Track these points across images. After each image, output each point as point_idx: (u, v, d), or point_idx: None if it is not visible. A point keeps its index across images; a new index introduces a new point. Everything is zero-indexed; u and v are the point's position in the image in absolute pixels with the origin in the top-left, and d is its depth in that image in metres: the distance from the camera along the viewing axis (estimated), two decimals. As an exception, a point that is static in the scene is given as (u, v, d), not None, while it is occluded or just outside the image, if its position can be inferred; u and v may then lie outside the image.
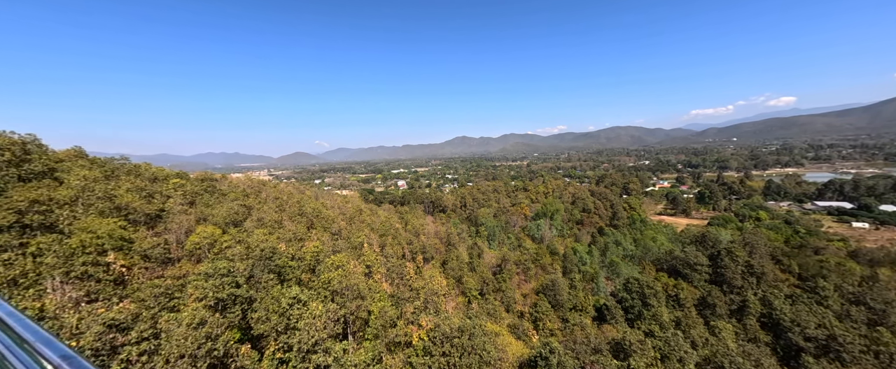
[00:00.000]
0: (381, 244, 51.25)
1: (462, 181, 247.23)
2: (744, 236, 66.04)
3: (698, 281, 54.82)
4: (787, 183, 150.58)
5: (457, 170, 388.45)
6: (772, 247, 65.07)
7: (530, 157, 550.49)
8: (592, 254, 71.77)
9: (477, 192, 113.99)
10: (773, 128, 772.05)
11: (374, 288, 31.48)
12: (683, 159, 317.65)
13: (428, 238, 64.82)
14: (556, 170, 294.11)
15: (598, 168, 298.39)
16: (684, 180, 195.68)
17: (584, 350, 28.35)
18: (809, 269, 54.16)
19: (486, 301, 42.78)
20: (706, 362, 29.23)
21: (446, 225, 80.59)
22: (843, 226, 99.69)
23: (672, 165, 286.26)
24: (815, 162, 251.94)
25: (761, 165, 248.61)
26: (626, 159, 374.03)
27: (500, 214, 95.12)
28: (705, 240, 69.24)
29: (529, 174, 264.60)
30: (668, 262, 64.05)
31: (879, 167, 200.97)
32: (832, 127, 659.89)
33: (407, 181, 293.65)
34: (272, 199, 52.86)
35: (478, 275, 50.94)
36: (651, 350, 27.92)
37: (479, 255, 59.74)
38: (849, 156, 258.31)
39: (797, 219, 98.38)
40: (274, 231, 35.25)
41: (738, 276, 52.01)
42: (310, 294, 23.96)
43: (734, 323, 41.46)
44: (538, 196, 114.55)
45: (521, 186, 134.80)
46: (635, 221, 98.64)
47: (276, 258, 27.37)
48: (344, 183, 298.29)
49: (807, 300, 43.77)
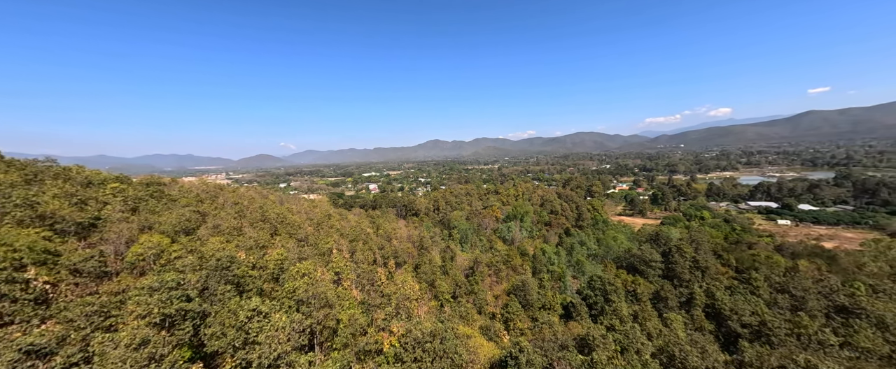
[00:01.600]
0: (351, 250, 49.67)
1: (435, 184, 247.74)
2: (690, 234, 72.60)
3: (653, 276, 59.28)
4: (725, 185, 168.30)
5: (430, 173, 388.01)
6: (714, 244, 72.15)
7: (501, 161, 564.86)
8: (560, 254, 74.94)
9: (450, 196, 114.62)
10: (713, 136, 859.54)
11: (344, 295, 30.39)
12: (639, 163, 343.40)
13: (400, 242, 63.92)
14: (526, 174, 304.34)
15: (565, 171, 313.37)
16: (640, 183, 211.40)
17: (552, 347, 29.43)
18: (744, 263, 60.73)
19: (459, 304, 42.97)
20: (660, 351, 31.61)
21: (419, 228, 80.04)
22: (771, 224, 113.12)
23: (630, 169, 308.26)
24: (747, 166, 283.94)
25: (704, 169, 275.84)
26: (589, 163, 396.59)
27: (472, 217, 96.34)
28: (658, 238, 75.12)
29: (500, 177, 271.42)
30: (626, 260, 68.62)
31: (798, 171, 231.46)
32: (761, 135, 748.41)
33: (379, 185, 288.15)
34: (231, 205, 49.29)
35: (450, 278, 51.05)
36: (612, 343, 29.65)
37: (451, 258, 59.95)
38: (774, 162, 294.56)
39: (734, 218, 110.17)
40: (232, 238, 32.83)
41: (687, 271, 57.01)
42: (272, 304, 22.56)
43: (683, 315, 45.32)
44: (509, 199, 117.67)
45: (493, 189, 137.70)
46: (598, 222, 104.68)
47: (234, 267, 25.47)
48: (312, 187, 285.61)
49: (742, 290, 49.04)
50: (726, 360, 30.87)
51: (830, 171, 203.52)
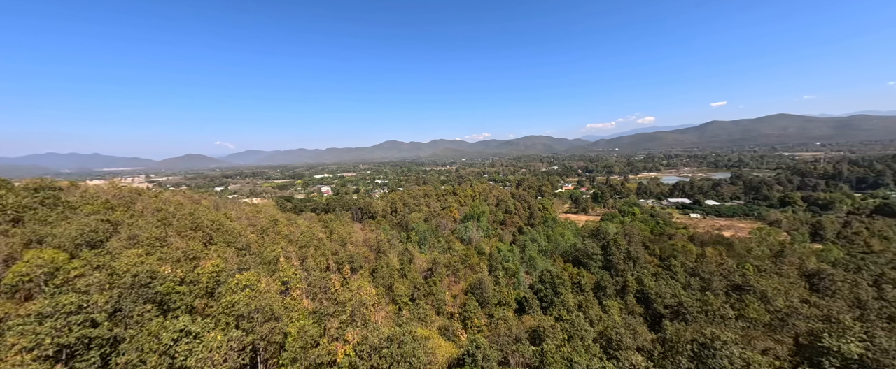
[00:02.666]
0: (301, 257, 46.43)
1: (392, 186, 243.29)
2: (624, 228, 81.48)
3: (595, 268, 65.25)
4: (650, 184, 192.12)
5: (387, 174, 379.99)
6: (642, 236, 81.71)
7: (459, 162, 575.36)
8: (514, 251, 78.62)
9: (408, 197, 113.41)
10: (641, 141, 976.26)
11: (293, 306, 28.29)
12: (582, 165, 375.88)
13: (356, 246, 61.50)
14: (483, 175, 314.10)
15: (518, 173, 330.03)
16: (583, 183, 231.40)
17: (507, 341, 30.78)
18: (666, 252, 69.85)
19: (417, 306, 42.68)
20: (600, 336, 34.90)
21: (376, 232, 77.84)
22: (685, 217, 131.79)
23: (574, 170, 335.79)
24: (668, 168, 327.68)
25: (634, 170, 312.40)
26: (539, 165, 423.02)
27: (430, 218, 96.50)
28: (599, 233, 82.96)
29: (458, 179, 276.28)
30: (572, 254, 74.57)
31: (705, 172, 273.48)
32: (678, 141, 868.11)
33: (332, 187, 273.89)
34: (152, 212, 42.89)
35: (409, 281, 50.49)
36: (560, 332, 31.94)
37: (410, 261, 59.32)
38: (688, 164, 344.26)
39: (658, 213, 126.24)
40: (154, 250, 28.59)
41: (621, 262, 63.79)
42: (206, 323, 20.13)
43: (619, 301, 50.63)
44: (466, 199, 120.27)
45: (451, 190, 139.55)
46: (548, 220, 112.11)
47: (156, 284, 22.18)
48: (255, 190, 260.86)
49: (665, 276, 56.37)
50: (653, 338, 35.20)
51: (728, 172, 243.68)
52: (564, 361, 25.41)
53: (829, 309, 38.91)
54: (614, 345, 30.28)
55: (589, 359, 25.89)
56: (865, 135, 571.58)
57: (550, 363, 24.95)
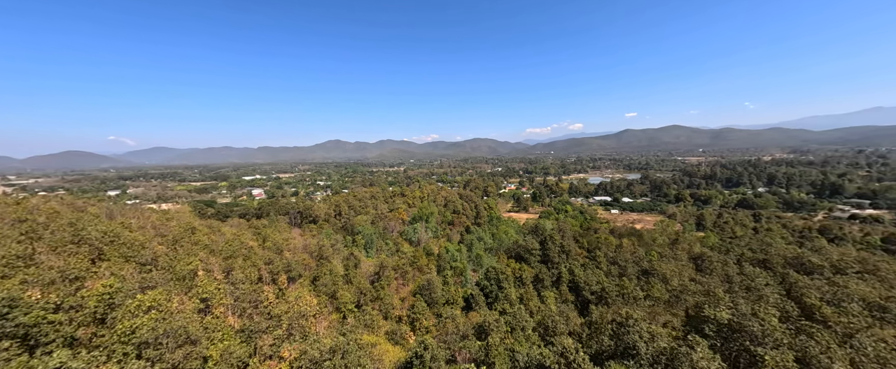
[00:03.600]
0: (226, 269, 41.00)
1: (336, 188, 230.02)
2: (559, 224, 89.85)
3: (534, 262, 70.57)
4: (579, 185, 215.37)
5: (330, 175, 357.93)
6: (574, 231, 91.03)
7: (407, 164, 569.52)
8: (461, 250, 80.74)
9: (353, 199, 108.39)
10: (572, 145, 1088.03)
11: (215, 326, 24.82)
12: (523, 167, 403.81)
13: (295, 254, 56.55)
14: (431, 176, 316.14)
15: (465, 174, 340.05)
16: (524, 183, 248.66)
17: (454, 339, 31.49)
18: (592, 244, 78.98)
19: (363, 312, 41.03)
20: (539, 325, 37.96)
21: (318, 237, 72.69)
22: (607, 213, 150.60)
23: (516, 172, 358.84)
24: (594, 169, 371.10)
25: (567, 172, 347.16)
26: (485, 166, 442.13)
27: (378, 221, 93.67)
28: (537, 229, 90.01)
29: (406, 180, 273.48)
30: (514, 251, 79.55)
31: (621, 173, 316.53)
32: (601, 146, 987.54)
33: (266, 189, 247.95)
34: (11, 223, 33.67)
35: (354, 287, 48.25)
36: (504, 325, 33.84)
37: (355, 266, 56.74)
38: (609, 166, 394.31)
39: (585, 210, 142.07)
40: (14, 272, 22.47)
41: (556, 255, 70.19)
42: (93, 356, 16.51)
43: (555, 291, 55.70)
44: (415, 201, 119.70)
45: (399, 192, 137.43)
46: (493, 219, 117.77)
47: (18, 314, 17.44)
48: (164, 194, 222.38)
49: (591, 266, 63.72)
50: (582, 322, 39.51)
51: (638, 174, 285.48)
52: (507, 352, 26.96)
53: (708, 285, 48.28)
54: (550, 332, 33.15)
55: (528, 348, 27.90)
56: (731, 145, 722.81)
57: (495, 355, 26.24)
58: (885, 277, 48.23)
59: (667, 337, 26.72)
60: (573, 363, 19.76)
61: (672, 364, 22.72)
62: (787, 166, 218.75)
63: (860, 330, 26.73)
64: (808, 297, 35.63)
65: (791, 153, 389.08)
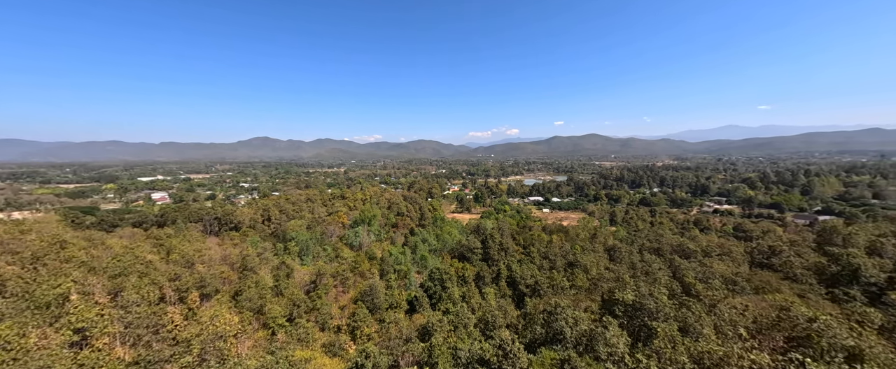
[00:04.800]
0: (115, 289, 33.63)
1: (265, 190, 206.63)
2: (498, 224, 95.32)
3: (476, 260, 73.58)
4: (516, 186, 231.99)
5: (257, 176, 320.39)
6: (511, 230, 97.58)
7: (348, 164, 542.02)
8: (405, 253, 79.85)
9: (286, 203, 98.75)
10: (510, 149, 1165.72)
11: (94, 361, 20.15)
12: (466, 169, 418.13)
13: (210, 266, 49.05)
14: (374, 177, 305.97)
15: (409, 175, 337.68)
16: (467, 185, 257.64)
17: (398, 343, 31.06)
18: (527, 241, 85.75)
19: (297, 326, 37.66)
20: (480, 321, 39.77)
21: (241, 245, 64.36)
22: (540, 212, 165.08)
23: (459, 173, 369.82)
24: (528, 172, 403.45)
25: (506, 174, 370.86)
26: (429, 168, 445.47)
27: (314, 225, 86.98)
28: (479, 229, 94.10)
29: (347, 181, 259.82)
30: (458, 250, 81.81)
31: (552, 176, 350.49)
32: (534, 151, 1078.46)
33: (172, 193, 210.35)
34: None
35: (286, 299, 43.97)
36: (447, 324, 34.59)
37: (287, 275, 51.76)
38: (541, 169, 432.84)
39: (522, 209, 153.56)
40: None
41: (496, 252, 74.39)
42: None
43: (494, 287, 58.99)
44: (356, 203, 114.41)
45: (339, 194, 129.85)
46: (437, 220, 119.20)
47: None
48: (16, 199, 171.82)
49: (527, 261, 69.18)
50: (518, 314, 42.62)
51: (565, 176, 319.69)
52: (450, 351, 27.62)
53: (618, 272, 56.47)
54: (490, 326, 35.00)
55: (470, 344, 29.03)
56: (635, 152, 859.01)
57: (438, 355, 26.66)
58: (735, 257, 62.73)
59: (587, 321, 30.50)
60: (510, 353, 21.24)
61: (591, 343, 26.04)
62: (672, 171, 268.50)
63: (720, 301, 34.38)
64: (687, 277, 44.39)
65: (675, 160, 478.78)
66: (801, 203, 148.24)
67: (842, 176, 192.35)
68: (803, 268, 51.46)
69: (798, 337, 18.59)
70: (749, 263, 61.21)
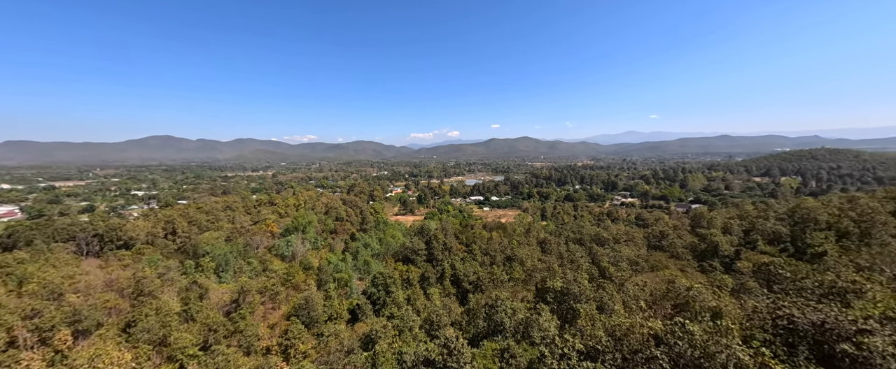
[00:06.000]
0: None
1: (168, 199, 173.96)
2: (441, 224, 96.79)
3: (420, 262, 73.47)
4: (458, 186, 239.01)
5: (155, 182, 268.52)
6: (455, 229, 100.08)
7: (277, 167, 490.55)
8: (346, 259, 75.55)
9: (197, 213, 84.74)
10: (452, 150, 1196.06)
11: None
12: (409, 170, 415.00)
13: (88, 295, 39.27)
14: (308, 181, 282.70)
15: (349, 178, 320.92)
16: (410, 187, 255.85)
17: (338, 357, 29.17)
18: (469, 239, 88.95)
19: (214, 354, 32.48)
20: (425, 322, 39.79)
21: (133, 266, 53.06)
22: (481, 210, 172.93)
23: (402, 175, 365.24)
24: (470, 173, 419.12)
25: (448, 175, 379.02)
26: (370, 170, 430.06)
27: (236, 237, 76.38)
28: (423, 230, 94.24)
29: (277, 186, 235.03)
30: (402, 253, 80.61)
31: (491, 176, 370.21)
32: (474, 152, 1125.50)
33: (25, 205, 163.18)
34: None
35: (199, 324, 37.63)
36: (392, 329, 33.76)
37: (200, 297, 44.38)
38: (481, 170, 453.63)
39: (464, 209, 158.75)
40: None
41: (440, 252, 75.44)
42: None
43: (439, 287, 59.74)
44: (288, 209, 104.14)
45: (267, 200, 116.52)
46: (379, 223, 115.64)
47: None
48: None
49: (469, 259, 71.75)
50: (461, 311, 43.91)
51: (503, 176, 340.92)
52: (395, 356, 27.04)
53: (549, 262, 62.39)
54: (435, 326, 35.32)
55: (416, 346, 28.84)
56: (560, 154, 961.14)
57: (382, 362, 25.87)
58: (637, 242, 74.75)
59: (524, 310, 32.99)
60: (454, 350, 21.73)
61: (527, 330, 28.24)
62: (590, 170, 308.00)
63: (627, 280, 40.65)
64: (602, 262, 51.37)
65: (592, 160, 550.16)
66: (681, 194, 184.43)
67: (705, 172, 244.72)
68: (683, 247, 64.12)
69: (680, 304, 23.11)
70: (647, 246, 73.72)
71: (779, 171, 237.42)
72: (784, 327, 14.96)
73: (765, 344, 13.70)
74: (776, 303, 16.39)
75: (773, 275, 29.31)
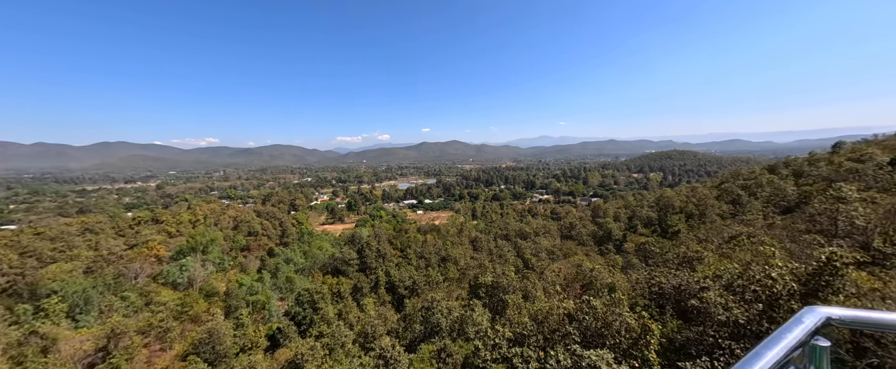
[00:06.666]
0: None
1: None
2: (374, 231, 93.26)
3: (352, 272, 69.24)
4: (391, 191, 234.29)
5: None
6: (388, 235, 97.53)
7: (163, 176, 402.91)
8: (263, 278, 66.34)
9: (33, 240, 63.36)
10: (382, 154, 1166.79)
11: None
12: (336, 176, 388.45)
13: None
14: (210, 191, 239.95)
15: (264, 186, 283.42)
16: (338, 193, 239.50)
17: (256, 393, 25.30)
18: (404, 244, 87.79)
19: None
20: (360, 335, 37.63)
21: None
22: (414, 214, 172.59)
23: (329, 181, 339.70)
24: (402, 177, 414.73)
25: (379, 179, 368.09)
26: (291, 177, 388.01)
27: (101, 266, 59.59)
28: (354, 239, 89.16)
29: (163, 199, 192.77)
30: (331, 265, 74.72)
31: (423, 179, 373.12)
32: (406, 156, 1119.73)
33: None
34: None
35: (43, 391, 28.07)
36: (321, 350, 30.88)
37: (44, 351, 33.25)
38: (413, 174, 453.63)
39: (397, 213, 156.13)
40: None
41: (374, 260, 72.45)
42: None
43: (374, 296, 57.25)
44: (181, 227, 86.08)
45: (149, 217, 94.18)
46: (304, 235, 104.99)
47: None
48: None
49: (404, 264, 70.75)
50: (398, 318, 42.96)
51: (435, 179, 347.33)
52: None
53: (480, 259, 65.92)
54: (370, 338, 33.70)
55: (349, 363, 27.01)
56: (487, 156, 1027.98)
57: (312, 389, 23.43)
58: (552, 234, 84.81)
59: (458, 308, 34.04)
60: (391, 359, 21.09)
61: (462, 327, 29.21)
62: (513, 171, 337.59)
63: (546, 268, 45.80)
64: (525, 254, 56.70)
65: (514, 162, 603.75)
66: (584, 190, 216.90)
67: (600, 171, 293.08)
68: (587, 235, 75.39)
69: (587, 284, 27.16)
70: (560, 237, 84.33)
71: (649, 169, 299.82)
72: (656, 292, 18.89)
73: (645, 308, 17.06)
74: (650, 274, 20.64)
75: (648, 252, 36.76)
